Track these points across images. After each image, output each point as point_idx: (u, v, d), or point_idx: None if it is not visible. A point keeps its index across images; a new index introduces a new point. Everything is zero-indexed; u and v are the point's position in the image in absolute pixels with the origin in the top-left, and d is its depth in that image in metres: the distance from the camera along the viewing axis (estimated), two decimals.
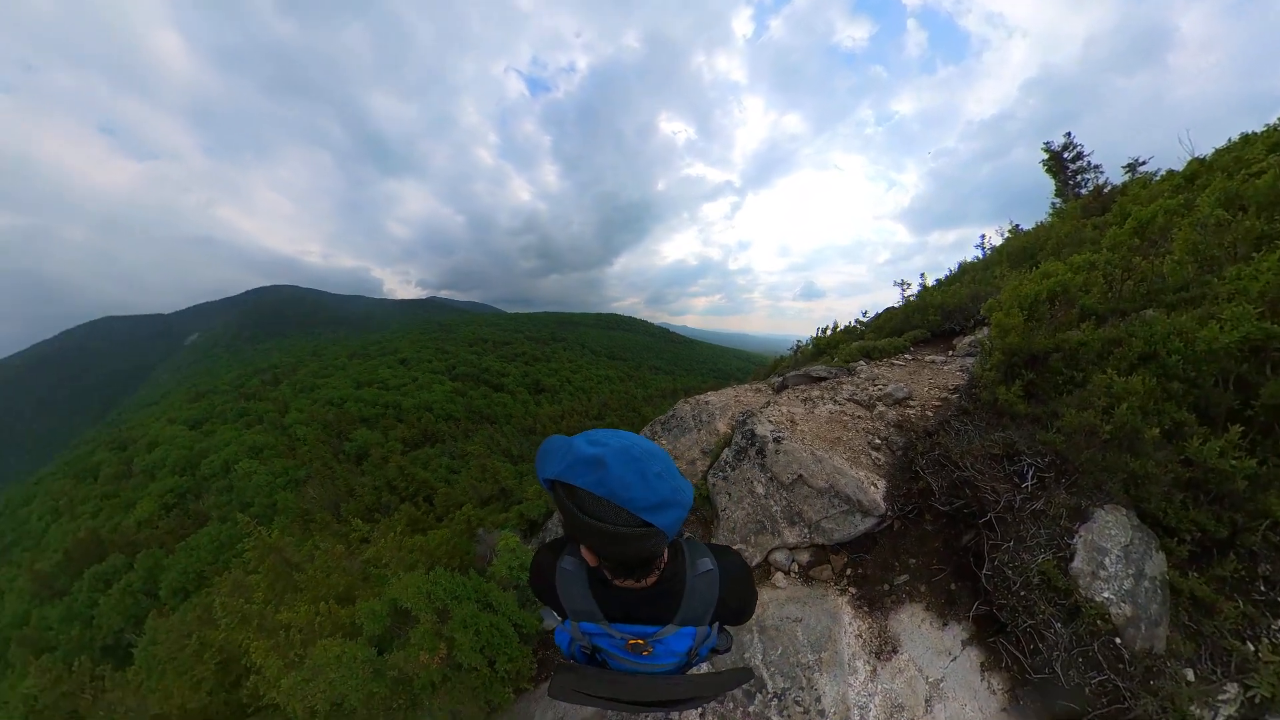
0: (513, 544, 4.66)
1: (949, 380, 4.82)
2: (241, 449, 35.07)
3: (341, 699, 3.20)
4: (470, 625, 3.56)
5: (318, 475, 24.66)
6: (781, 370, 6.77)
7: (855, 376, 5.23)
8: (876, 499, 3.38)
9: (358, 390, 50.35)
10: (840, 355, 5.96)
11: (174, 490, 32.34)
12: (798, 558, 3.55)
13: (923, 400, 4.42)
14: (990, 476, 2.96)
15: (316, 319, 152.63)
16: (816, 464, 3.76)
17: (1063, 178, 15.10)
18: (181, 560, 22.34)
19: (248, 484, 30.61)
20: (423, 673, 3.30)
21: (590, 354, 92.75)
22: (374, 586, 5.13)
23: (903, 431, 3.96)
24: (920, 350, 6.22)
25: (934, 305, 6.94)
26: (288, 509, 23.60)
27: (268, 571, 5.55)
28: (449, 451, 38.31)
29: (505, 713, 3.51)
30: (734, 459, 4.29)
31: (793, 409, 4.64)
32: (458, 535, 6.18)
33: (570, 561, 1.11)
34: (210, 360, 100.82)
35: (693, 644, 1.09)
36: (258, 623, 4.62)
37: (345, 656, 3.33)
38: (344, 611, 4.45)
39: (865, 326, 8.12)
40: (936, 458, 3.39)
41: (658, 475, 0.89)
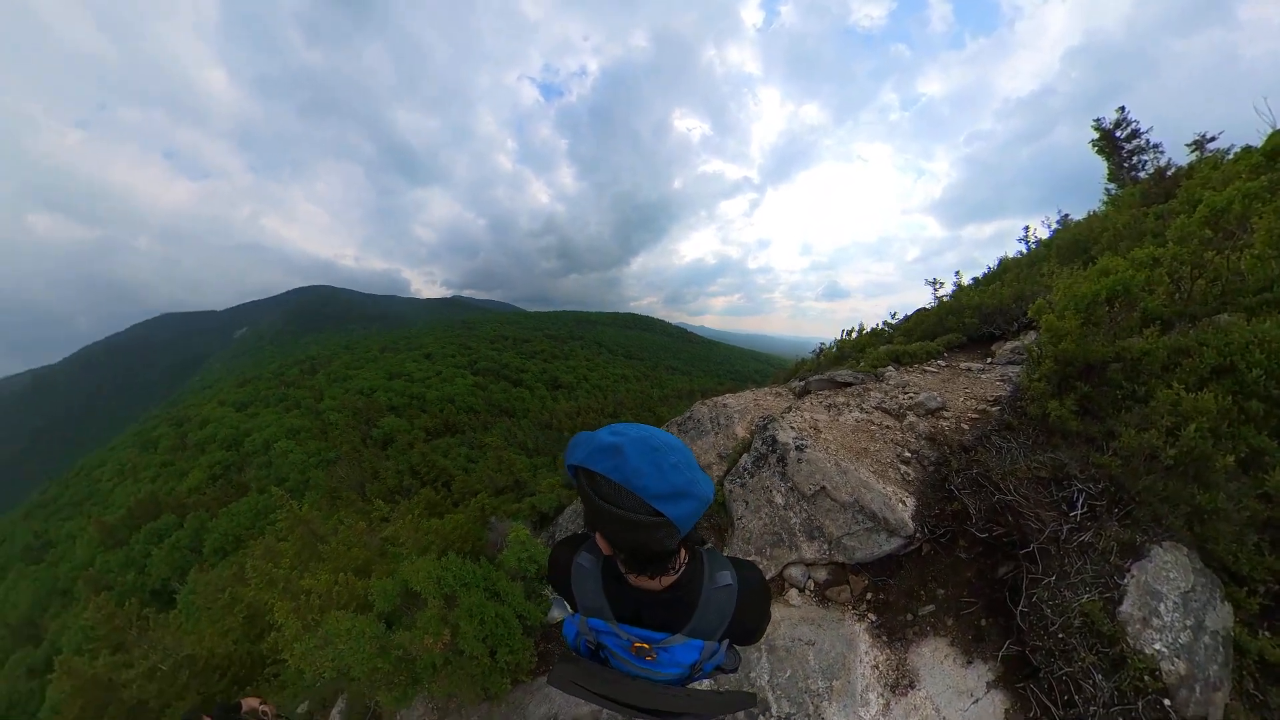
0: (523, 536, 4.64)
1: (988, 390, 4.52)
2: (280, 430, 39.05)
3: (347, 669, 3.33)
4: (476, 614, 3.59)
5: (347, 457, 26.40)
6: (803, 374, 6.50)
7: (883, 383, 4.96)
8: (904, 518, 3.17)
9: (387, 381, 53.39)
10: (867, 360, 5.66)
11: (220, 463, 36.27)
12: (815, 575, 3.38)
13: (958, 411, 4.15)
14: (1035, 502, 2.72)
15: (350, 316, 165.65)
16: (841, 476, 3.57)
17: (1117, 159, 13.35)
18: (223, 524, 25.47)
19: (284, 461, 34.19)
20: (425, 655, 3.36)
21: (607, 352, 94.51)
22: (389, 563, 5.36)
23: (935, 445, 3.72)
24: (955, 356, 5.86)
25: (971, 306, 6.47)
26: (318, 486, 26.07)
27: (296, 540, 6.04)
28: (468, 442, 40.91)
29: (500, 702, 3.57)
30: (753, 466, 4.13)
31: (816, 415, 4.43)
32: (471, 521, 6.34)
33: (587, 558, 1.11)
34: (256, 351, 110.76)
35: (698, 658, 1.06)
36: (283, 586, 4.96)
37: (355, 630, 3.43)
38: (360, 584, 4.69)
39: (894, 329, 7.64)
40: (974, 477, 3.16)
41: (673, 466, 0.88)
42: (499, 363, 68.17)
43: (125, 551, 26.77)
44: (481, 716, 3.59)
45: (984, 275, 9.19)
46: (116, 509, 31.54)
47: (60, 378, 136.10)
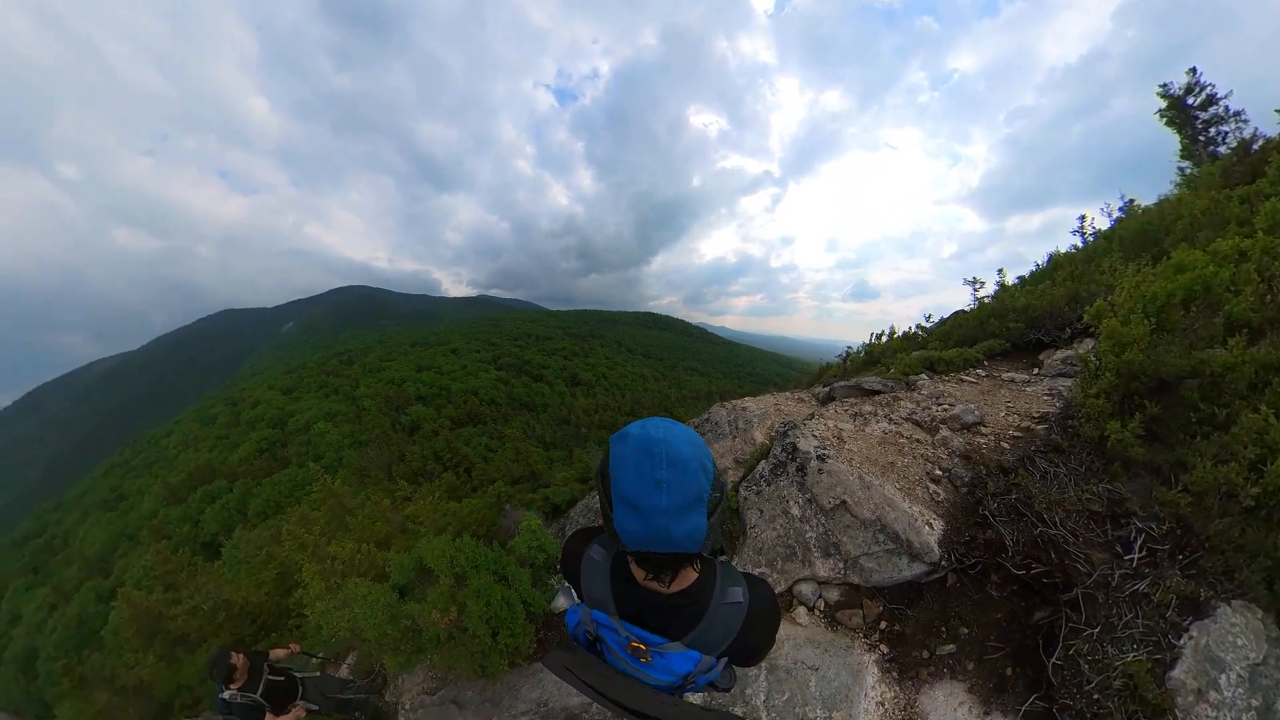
0: (535, 526, 4.77)
1: (1033, 405, 4.13)
2: (320, 413, 43.75)
3: (360, 631, 3.62)
4: (483, 596, 3.72)
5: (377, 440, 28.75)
6: (828, 379, 6.14)
7: (915, 392, 4.63)
8: (930, 542, 2.92)
9: (416, 373, 57.98)
10: (898, 366, 5.28)
11: (267, 439, 41.17)
12: (826, 595, 3.19)
13: (998, 427, 3.81)
14: (1084, 539, 2.44)
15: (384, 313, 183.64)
16: (864, 491, 3.34)
17: (1189, 132, 11.34)
18: (266, 491, 29.74)
19: (322, 441, 38.44)
20: (432, 628, 3.56)
21: (626, 351, 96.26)
22: (408, 539, 5.71)
23: (971, 464, 3.42)
24: (996, 365, 5.41)
25: (1015, 309, 5.89)
26: (350, 464, 27.87)
27: (327, 511, 6.66)
28: (489, 432, 43.73)
29: (496, 680, 3.67)
30: (770, 473, 3.93)
31: (840, 424, 4.17)
32: (488, 507, 6.92)
33: (599, 551, 1.12)
34: (300, 344, 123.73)
35: (693, 670, 1.03)
36: (312, 549, 5.53)
37: (371, 597, 3.70)
38: (380, 555, 5.04)
39: (928, 333, 7.06)
40: (1013, 503, 2.87)
41: (654, 483, 0.84)
42: (521, 359, 71.80)
43: (183, 508, 31.72)
44: (476, 691, 3.74)
45: (1031, 273, 8.23)
46: (179, 472, 36.52)
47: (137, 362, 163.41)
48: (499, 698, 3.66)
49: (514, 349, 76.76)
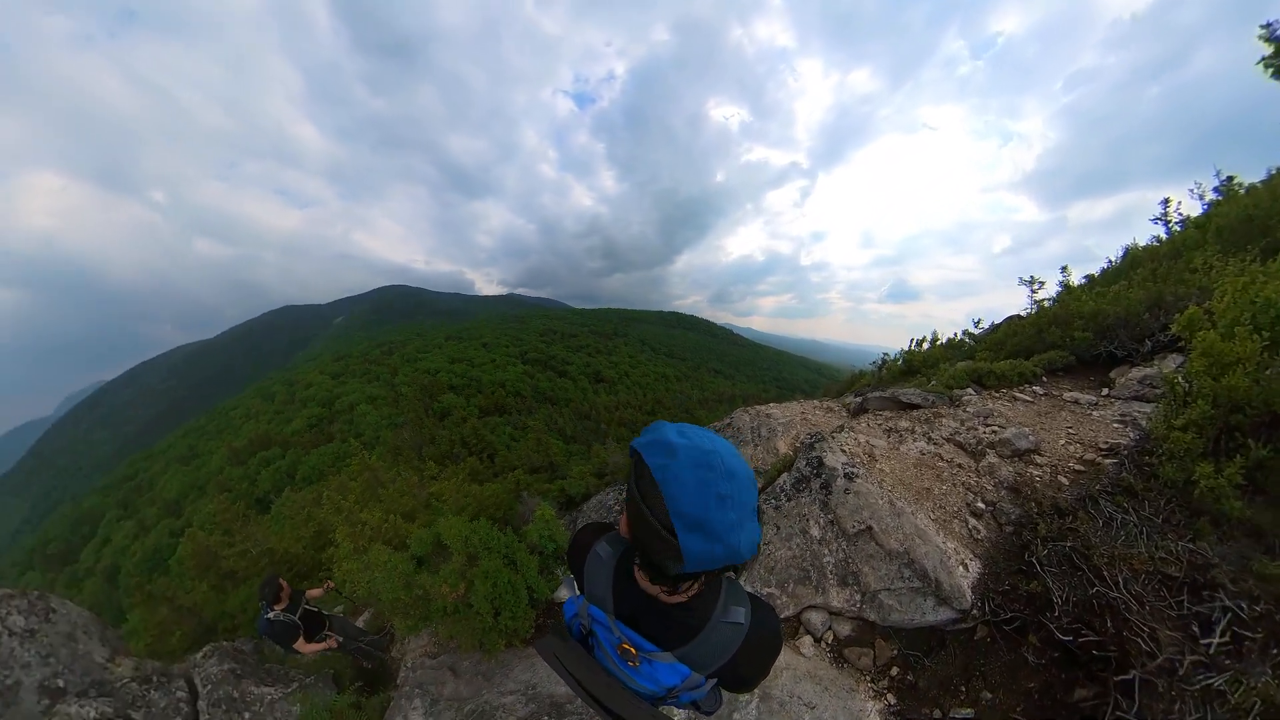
0: (548, 515, 4.91)
1: (1101, 433, 3.66)
2: (362, 396, 49.05)
3: (377, 593, 3.97)
4: (490, 577, 3.90)
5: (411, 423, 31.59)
6: (861, 389, 5.69)
7: (960, 409, 4.20)
8: (963, 586, 2.63)
9: (449, 364, 62.39)
10: (940, 378, 4.79)
11: (316, 416, 47.17)
12: (837, 627, 2.95)
13: (1056, 458, 3.39)
14: (1152, 610, 2.09)
15: (422, 309, 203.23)
16: (893, 518, 3.05)
17: None
18: (312, 460, 34.51)
19: (363, 420, 43.27)
20: (440, 600, 3.82)
21: (650, 350, 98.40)
22: (430, 515, 6.14)
23: (1020, 499, 3.05)
24: (1058, 382, 4.83)
25: (1082, 315, 5.16)
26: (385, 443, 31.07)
27: (362, 482, 7.42)
28: (513, 422, 47.02)
29: (492, 657, 3.87)
30: (792, 488, 3.69)
31: (872, 440, 3.85)
32: (507, 492, 7.10)
33: (605, 549, 1.10)
34: (348, 336, 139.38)
35: (678, 684, 0.99)
36: (346, 514, 6.12)
37: (390, 564, 4.00)
38: (405, 526, 5.51)
39: (976, 341, 6.35)
40: (1067, 552, 2.52)
41: (718, 497, 0.79)
42: (547, 354, 74.99)
43: (243, 468, 37.55)
44: (472, 663, 3.95)
45: (1102, 272, 7.13)
46: (241, 438, 42.79)
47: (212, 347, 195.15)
48: (491, 673, 3.83)
49: (540, 345, 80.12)
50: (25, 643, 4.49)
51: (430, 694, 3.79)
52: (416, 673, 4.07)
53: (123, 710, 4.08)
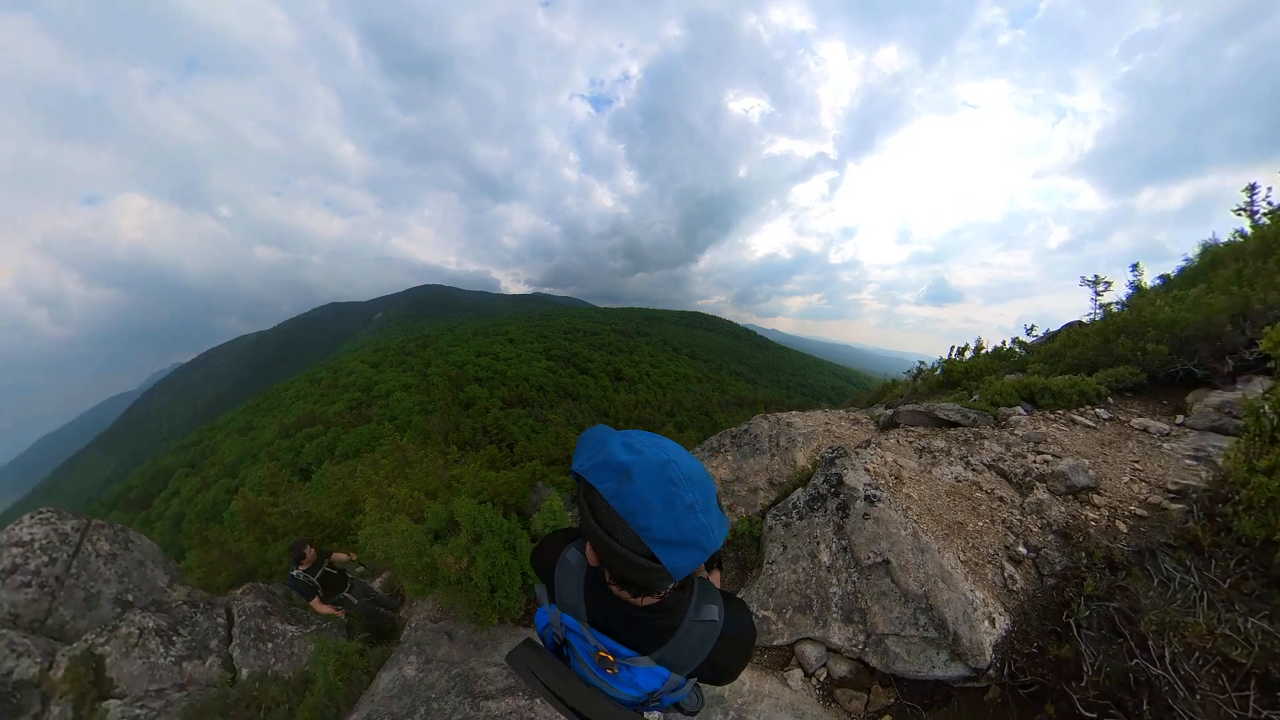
0: (556, 507, 5.17)
1: (1171, 471, 3.23)
2: (397, 384, 53.97)
3: (392, 557, 4.42)
4: (490, 557, 4.25)
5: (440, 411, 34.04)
6: (893, 400, 5.27)
7: (1006, 431, 3.81)
8: (984, 643, 2.39)
9: (475, 358, 67.43)
10: (985, 392, 4.34)
11: (356, 400, 52.41)
12: (832, 665, 2.79)
13: (1117, 498, 3.02)
14: (1203, 700, 1.81)
15: (453, 307, 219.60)
16: (915, 554, 2.82)
17: None
18: (350, 439, 38.80)
19: (397, 406, 47.75)
20: (445, 570, 4.20)
21: (671, 350, 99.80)
22: (449, 495, 6.71)
23: (1070, 546, 2.74)
24: (1125, 404, 4.29)
25: (1157, 324, 4.47)
26: (416, 427, 34.93)
27: (392, 461, 8.19)
28: (534, 415, 50.41)
29: (484, 630, 4.26)
30: (805, 505, 3.49)
31: (901, 460, 3.57)
32: (522, 480, 7.71)
33: (575, 555, 1.08)
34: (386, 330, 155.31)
35: (659, 687, 1.00)
36: (376, 488, 6.70)
37: (406, 534, 4.44)
38: (426, 502, 6.01)
39: (1029, 351, 5.68)
40: (1110, 614, 2.23)
41: (687, 507, 0.78)
42: (570, 351, 78.53)
43: (291, 441, 43.26)
44: (468, 632, 4.37)
45: (1179, 272, 6.15)
46: (291, 416, 49.48)
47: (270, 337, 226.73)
48: (482, 643, 4.19)
49: (564, 342, 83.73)
50: (108, 563, 5.79)
51: (426, 653, 4.17)
52: (418, 633, 4.51)
53: (174, 625, 5.04)
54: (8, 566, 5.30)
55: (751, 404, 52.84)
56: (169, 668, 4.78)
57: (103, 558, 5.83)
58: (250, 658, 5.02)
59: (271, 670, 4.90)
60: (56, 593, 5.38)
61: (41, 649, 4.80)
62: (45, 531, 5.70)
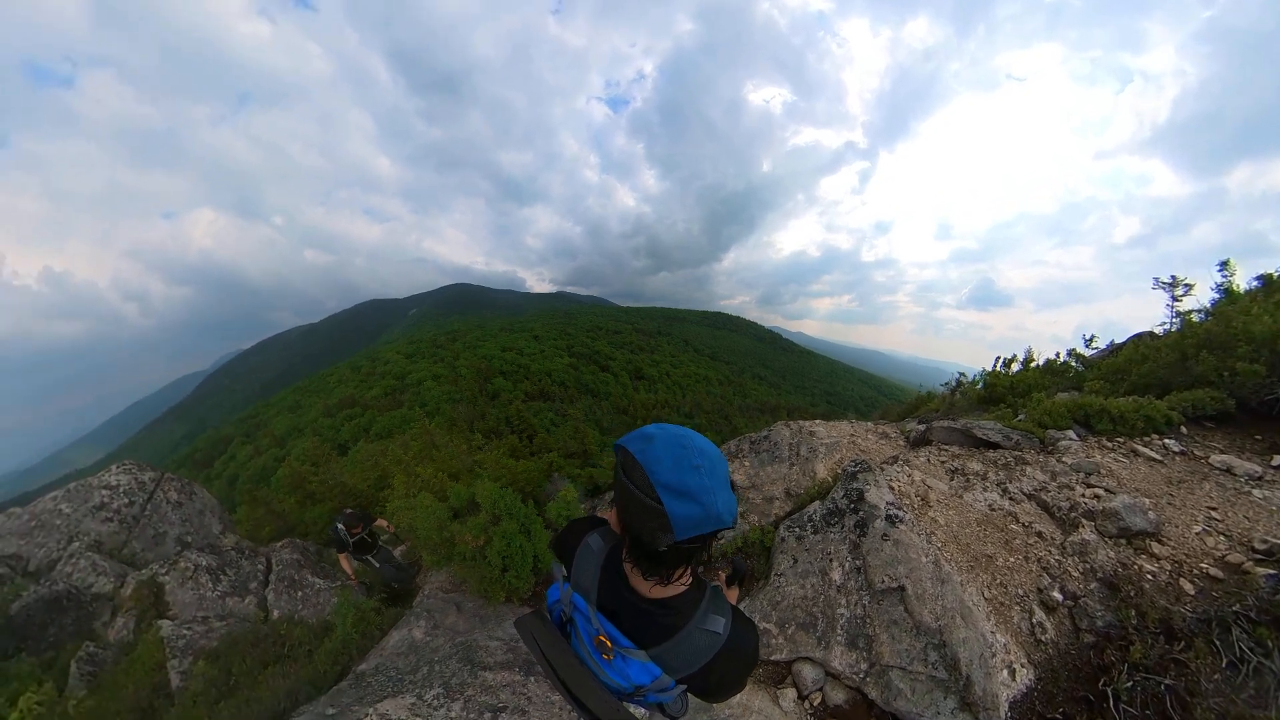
0: (571, 497, 5.33)
1: (1259, 524, 2.79)
2: (428, 374, 59.09)
3: (414, 529, 4.83)
4: (506, 538, 4.46)
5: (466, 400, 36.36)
6: (926, 414, 4.82)
7: (1052, 458, 3.40)
8: (999, 696, 2.16)
9: (501, 353, 71.59)
10: (1032, 411, 3.85)
11: (391, 386, 58.29)
12: (829, 691, 2.61)
13: (1183, 550, 2.63)
14: None
15: (481, 304, 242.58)
16: (935, 584, 2.59)
17: None
18: (384, 420, 43.05)
19: (428, 394, 52.25)
20: (462, 545, 4.48)
21: (692, 351, 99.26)
22: (471, 478, 7.09)
23: (1117, 600, 2.42)
24: (1205, 436, 3.71)
25: (1251, 338, 3.75)
26: (444, 414, 38.40)
27: (421, 443, 8.89)
28: (555, 409, 53.07)
29: (491, 606, 4.49)
30: (822, 519, 3.29)
31: (930, 480, 3.27)
32: (540, 470, 8.01)
33: (597, 541, 1.13)
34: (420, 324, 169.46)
35: (647, 684, 1.02)
36: (404, 466, 7.48)
37: (429, 509, 4.81)
38: (449, 483, 6.50)
39: (1087, 365, 5.02)
40: (1160, 692, 1.94)
41: (694, 468, 0.88)
42: (592, 349, 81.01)
43: (332, 420, 48.32)
44: (475, 606, 4.66)
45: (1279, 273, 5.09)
46: (333, 397, 55.87)
47: (317, 329, 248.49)
48: (488, 618, 4.40)
49: (586, 340, 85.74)
50: (175, 509, 7.06)
51: (435, 619, 4.45)
52: (430, 600, 4.81)
53: (222, 566, 5.86)
54: (97, 504, 6.49)
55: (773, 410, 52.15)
56: (215, 600, 5.52)
57: (171, 504, 7.01)
58: (282, 602, 5.64)
59: (299, 615, 5.46)
60: (132, 528, 6.54)
61: (116, 572, 5.80)
62: (127, 479, 6.92)
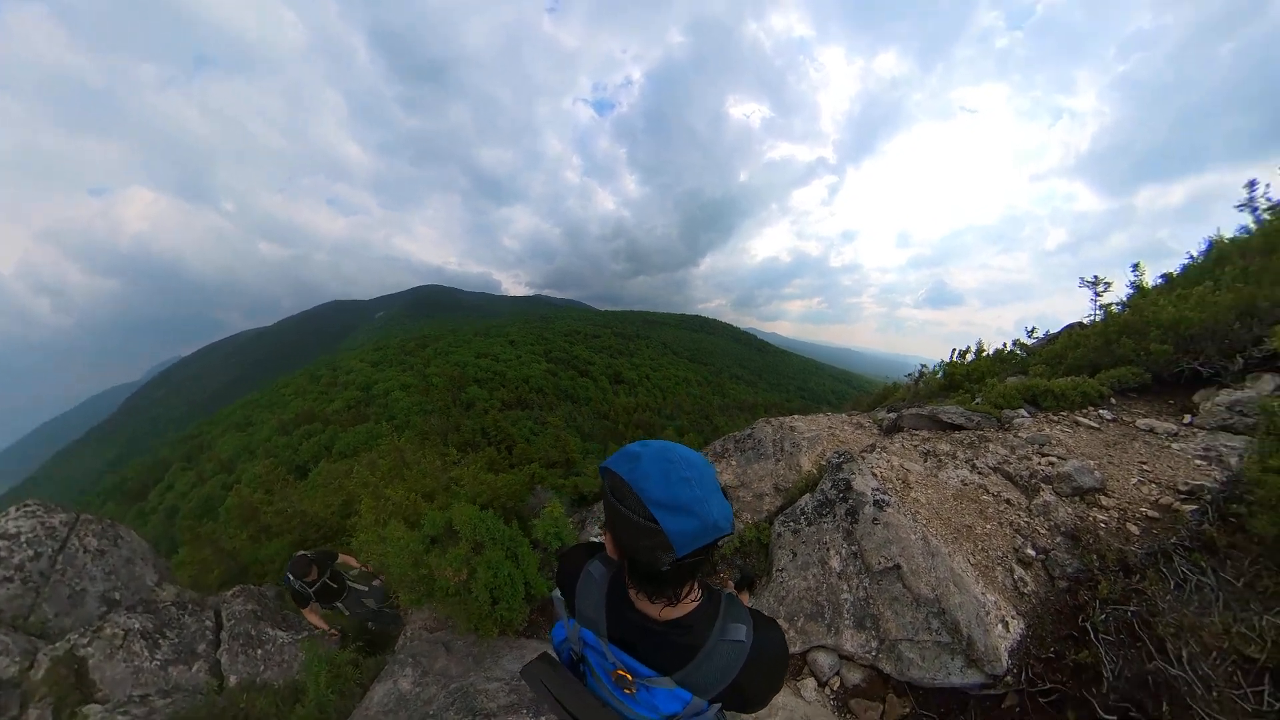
0: (557, 513, 4.95)
1: (1180, 471, 3.21)
2: (396, 384, 53.25)
3: (387, 566, 4.33)
4: (492, 567, 4.06)
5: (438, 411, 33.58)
6: (895, 403, 5.23)
7: (1010, 434, 3.80)
8: (999, 649, 2.35)
9: (476, 359, 66.31)
10: (987, 395, 4.32)
11: (355, 398, 51.60)
12: (846, 674, 2.74)
13: (1126, 500, 3.00)
14: (1220, 697, 1.78)
15: (453, 307, 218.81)
16: (926, 558, 2.79)
17: None
18: (348, 437, 37.73)
19: (396, 405, 46.73)
20: (443, 581, 4.01)
21: (671, 354, 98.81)
22: (448, 498, 6.45)
23: (1079, 549, 2.71)
24: (1130, 404, 4.28)
25: (1159, 324, 4.50)
26: (414, 427, 33.67)
27: (390, 461, 7.93)
28: (534, 417, 48.93)
29: (484, 642, 4.06)
30: (814, 511, 3.46)
31: (907, 464, 3.54)
32: (521, 483, 7.24)
33: (598, 568, 1.07)
34: (387, 329, 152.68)
35: (679, 711, 0.94)
36: (372, 489, 6.52)
37: (403, 542, 4.28)
38: (423, 505, 5.81)
39: (1029, 353, 5.65)
40: (1128, 618, 2.20)
41: (683, 480, 0.85)
42: (570, 354, 77.41)
43: (289, 438, 42.05)
44: (466, 644, 4.16)
45: (1181, 271, 6.17)
46: (290, 412, 48.58)
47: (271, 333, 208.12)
48: (482, 657, 4.01)
49: (564, 344, 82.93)
50: (96, 560, 5.55)
51: (422, 665, 3.97)
52: (413, 643, 4.32)
53: (160, 627, 4.79)
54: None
55: (752, 408, 52.68)
56: (154, 672, 4.56)
57: (90, 554, 5.56)
58: (239, 664, 4.83)
59: (260, 678, 4.72)
60: (40, 589, 5.15)
61: (22, 648, 4.60)
62: (32, 525, 5.47)
